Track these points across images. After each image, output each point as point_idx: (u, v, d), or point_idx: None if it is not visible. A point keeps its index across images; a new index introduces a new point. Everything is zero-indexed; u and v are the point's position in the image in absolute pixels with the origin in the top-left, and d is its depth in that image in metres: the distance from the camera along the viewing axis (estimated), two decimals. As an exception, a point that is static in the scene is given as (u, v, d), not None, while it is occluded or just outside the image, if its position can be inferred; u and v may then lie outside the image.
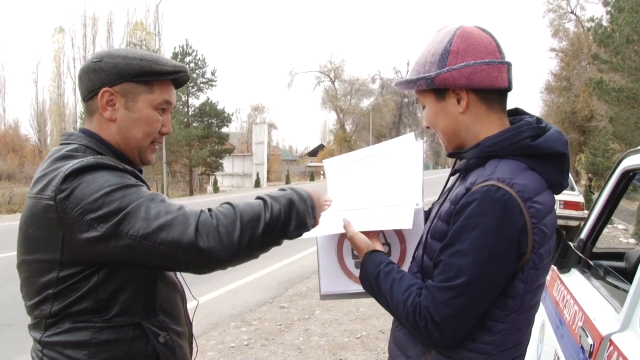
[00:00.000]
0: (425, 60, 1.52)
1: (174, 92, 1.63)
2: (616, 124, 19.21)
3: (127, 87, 1.51)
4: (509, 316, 1.42)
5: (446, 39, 1.48)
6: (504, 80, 1.48)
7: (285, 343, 5.53)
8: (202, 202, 25.05)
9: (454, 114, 1.51)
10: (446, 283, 1.37)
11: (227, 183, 44.00)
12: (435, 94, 1.52)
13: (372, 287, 1.57)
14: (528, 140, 1.44)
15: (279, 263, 9.63)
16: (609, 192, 2.86)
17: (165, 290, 1.56)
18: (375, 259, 1.58)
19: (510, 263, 1.36)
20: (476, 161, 1.48)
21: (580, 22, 37.60)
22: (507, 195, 1.33)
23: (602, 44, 17.86)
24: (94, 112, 1.54)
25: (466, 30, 1.49)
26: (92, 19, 53.11)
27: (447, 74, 1.45)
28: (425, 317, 1.39)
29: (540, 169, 1.44)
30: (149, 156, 1.61)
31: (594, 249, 3.08)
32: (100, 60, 1.50)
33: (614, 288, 2.43)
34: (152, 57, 1.54)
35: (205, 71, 40.46)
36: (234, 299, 7.29)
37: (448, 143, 1.58)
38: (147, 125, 1.55)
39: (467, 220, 1.35)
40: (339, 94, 71.91)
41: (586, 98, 31.74)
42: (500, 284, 1.37)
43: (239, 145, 54.07)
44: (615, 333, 1.87)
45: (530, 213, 1.35)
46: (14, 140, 49.80)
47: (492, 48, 1.48)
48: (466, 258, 1.34)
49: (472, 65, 1.44)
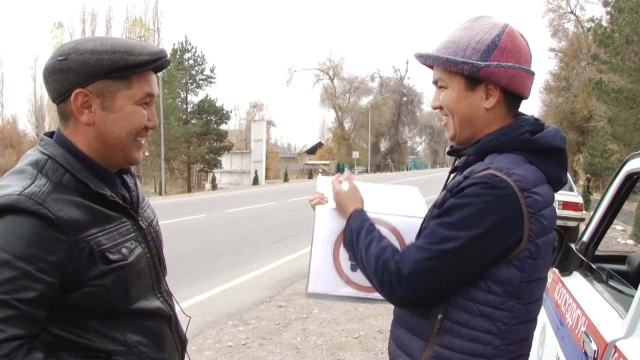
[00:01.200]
0: (467, 44, 1.47)
1: (155, 80, 1.47)
2: (615, 125, 19.21)
3: (102, 85, 1.35)
4: (507, 303, 1.41)
5: (494, 32, 1.47)
6: (530, 90, 1.52)
7: (283, 342, 5.51)
8: (200, 199, 25.06)
9: (479, 107, 1.50)
10: (426, 245, 1.41)
11: (225, 180, 44.01)
12: (468, 81, 1.49)
13: (352, 240, 1.60)
14: (527, 134, 1.46)
15: (276, 262, 9.60)
16: (612, 194, 2.83)
17: (140, 323, 1.45)
18: (363, 215, 1.64)
19: (493, 246, 1.37)
20: (475, 157, 1.50)
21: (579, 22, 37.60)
22: (504, 182, 1.36)
23: (602, 45, 17.86)
24: (68, 117, 1.39)
25: (513, 30, 1.50)
26: (91, 14, 53.02)
27: (494, 69, 1.44)
28: (392, 272, 1.43)
29: (540, 163, 1.45)
30: (135, 155, 1.47)
31: (596, 252, 3.06)
32: (66, 59, 1.33)
33: (617, 292, 2.41)
34: (125, 48, 1.36)
35: (204, 68, 40.53)
36: (232, 297, 7.26)
37: (460, 131, 1.55)
38: (130, 123, 1.40)
39: (461, 198, 1.39)
40: (337, 92, 72.01)
41: (585, 98, 31.75)
42: (476, 263, 1.39)
43: (237, 143, 54.08)
44: (620, 339, 1.84)
45: (527, 202, 1.36)
46: (12, 135, 49.75)
47: (529, 56, 1.51)
48: (451, 231, 1.38)
49: (517, 69, 1.45)
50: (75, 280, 1.28)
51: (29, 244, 1.20)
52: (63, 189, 1.31)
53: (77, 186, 1.34)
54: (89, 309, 1.33)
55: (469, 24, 1.52)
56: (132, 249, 1.43)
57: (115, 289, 1.36)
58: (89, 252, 1.30)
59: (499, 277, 1.40)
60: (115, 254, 1.36)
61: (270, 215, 16.94)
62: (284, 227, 13.88)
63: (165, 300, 1.57)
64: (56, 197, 1.28)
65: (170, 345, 1.55)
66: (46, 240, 1.22)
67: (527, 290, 1.43)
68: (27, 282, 1.18)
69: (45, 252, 1.21)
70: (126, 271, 1.39)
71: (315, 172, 52.07)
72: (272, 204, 20.80)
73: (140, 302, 1.45)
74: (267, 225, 14.47)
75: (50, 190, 1.28)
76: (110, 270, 1.34)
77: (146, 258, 1.49)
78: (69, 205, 1.29)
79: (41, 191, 1.26)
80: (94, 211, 1.35)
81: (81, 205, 1.32)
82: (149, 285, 1.51)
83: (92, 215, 1.34)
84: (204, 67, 40.32)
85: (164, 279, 1.62)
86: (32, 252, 1.19)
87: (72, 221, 1.27)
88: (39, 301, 1.20)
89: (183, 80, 39.33)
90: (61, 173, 1.33)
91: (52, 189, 1.29)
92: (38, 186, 1.27)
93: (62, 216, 1.25)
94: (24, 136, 52.19)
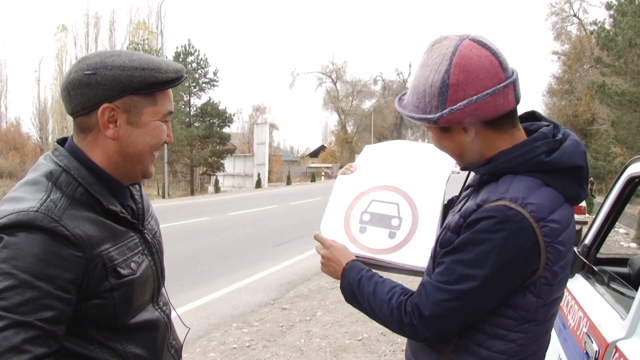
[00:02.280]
0: (424, 90, 1.41)
1: (172, 97, 1.51)
2: (618, 128, 19.20)
3: (129, 100, 1.37)
4: (522, 325, 1.41)
5: (442, 68, 1.36)
6: (510, 103, 1.39)
7: (286, 344, 5.53)
8: (203, 202, 25.08)
9: (461, 142, 1.45)
10: (444, 285, 1.38)
11: (228, 183, 44.01)
12: (439, 127, 1.45)
13: (354, 293, 1.58)
14: (543, 156, 1.39)
15: (280, 264, 9.63)
16: (614, 198, 2.86)
17: (139, 334, 1.47)
18: (356, 266, 1.62)
19: (512, 280, 1.36)
20: (489, 177, 1.45)
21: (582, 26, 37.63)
22: (519, 216, 1.31)
23: (605, 48, 17.87)
24: (88, 130, 1.39)
25: (463, 55, 1.35)
26: (94, 17, 53.21)
27: (450, 116, 1.37)
28: (411, 314, 1.42)
29: (557, 184, 1.40)
30: (150, 168, 1.51)
31: (598, 254, 3.09)
32: (94, 73, 1.33)
33: (618, 294, 2.44)
34: (154, 65, 1.39)
35: (207, 71, 40.50)
36: (236, 299, 7.29)
37: (461, 161, 1.54)
38: (153, 138, 1.43)
39: (476, 234, 1.35)
40: (340, 95, 71.97)
41: (588, 101, 31.76)
42: (496, 298, 1.37)
43: (240, 146, 54.08)
44: (621, 340, 1.88)
45: (543, 232, 1.33)
46: (16, 138, 49.89)
47: (494, 70, 1.36)
48: (469, 269, 1.35)
49: (475, 102, 1.34)
50: (87, 293, 1.31)
51: (47, 263, 1.21)
52: (77, 205, 1.32)
53: (89, 201, 1.36)
54: (93, 320, 1.35)
55: (424, 58, 1.44)
56: (140, 262, 1.46)
57: (122, 302, 1.38)
58: (102, 266, 1.33)
59: (515, 303, 1.39)
60: (125, 268, 1.39)
61: (274, 218, 16.96)
62: (287, 229, 13.91)
63: (163, 311, 1.59)
64: (71, 213, 1.29)
65: (167, 355, 1.59)
66: (64, 259, 1.24)
67: (542, 313, 1.43)
68: (47, 301, 1.20)
69: (63, 271, 1.23)
70: (134, 285, 1.41)
71: (318, 175, 52.08)
72: (275, 207, 20.81)
73: (140, 314, 1.48)
74: (270, 228, 14.50)
75: (66, 207, 1.29)
76: (121, 284, 1.37)
77: (152, 271, 1.52)
78: (84, 221, 1.31)
79: (57, 207, 1.28)
80: (106, 226, 1.37)
81: (94, 221, 1.34)
82: (150, 297, 1.53)
83: (105, 230, 1.36)
84: (207, 70, 40.33)
85: (163, 288, 1.65)
86: (51, 272, 1.21)
87: (88, 237, 1.29)
88: (59, 318, 1.23)
89: (186, 83, 39.39)
90: (74, 187, 1.35)
91: (67, 205, 1.30)
92: (54, 201, 1.28)
93: (78, 233, 1.27)
94: (28, 139, 52.34)
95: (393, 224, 1.75)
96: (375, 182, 1.85)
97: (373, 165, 1.93)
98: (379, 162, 1.94)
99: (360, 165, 1.94)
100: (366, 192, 1.83)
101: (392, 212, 1.77)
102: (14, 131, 52.07)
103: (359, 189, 1.84)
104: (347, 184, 1.87)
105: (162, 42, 36.07)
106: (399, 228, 1.74)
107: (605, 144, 25.71)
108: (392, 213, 1.77)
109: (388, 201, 1.80)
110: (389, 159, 1.94)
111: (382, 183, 1.84)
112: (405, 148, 1.99)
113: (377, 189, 1.83)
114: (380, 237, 1.74)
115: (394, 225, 1.75)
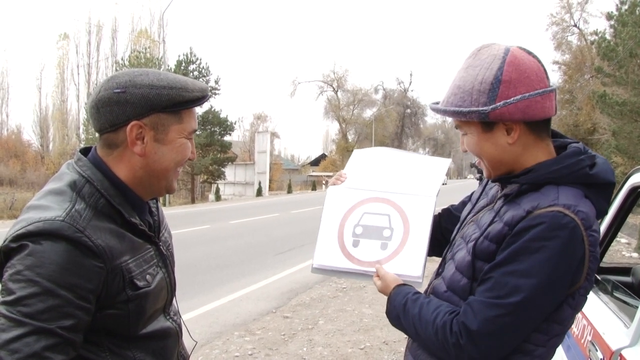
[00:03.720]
0: (471, 87, 1.42)
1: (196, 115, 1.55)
2: (619, 138, 19.20)
3: (157, 118, 1.41)
4: (550, 340, 1.40)
5: (495, 66, 1.40)
6: (553, 109, 1.44)
7: (289, 353, 5.53)
8: (204, 210, 25.08)
9: (502, 144, 1.44)
10: (495, 300, 1.33)
11: (229, 191, 43.98)
12: (483, 125, 1.44)
13: (399, 317, 1.54)
14: (587, 169, 1.41)
15: (281, 273, 9.63)
16: (616, 208, 2.88)
17: (150, 342, 1.49)
18: (402, 291, 1.57)
19: (563, 291, 1.34)
20: (530, 187, 1.43)
21: (583, 36, 37.70)
22: (573, 223, 1.31)
23: (606, 58, 17.90)
24: (115, 146, 1.43)
25: (516, 56, 1.41)
26: (96, 26, 53.48)
27: (503, 109, 1.37)
28: (457, 333, 1.35)
29: (594, 197, 1.41)
30: (174, 184, 1.54)
31: (601, 263, 3.10)
32: (124, 91, 1.37)
33: (622, 303, 2.45)
34: (181, 84, 1.43)
35: (209, 79, 40.50)
36: (238, 308, 7.29)
37: (493, 170, 1.52)
38: (178, 155, 1.47)
39: (529, 242, 1.31)
40: (341, 104, 72.05)
41: (589, 111, 31.77)
42: (548, 311, 1.35)
43: (241, 154, 54.07)
44: (626, 348, 1.89)
45: (589, 242, 1.33)
46: (17, 145, 49.93)
47: (541, 75, 1.42)
48: (523, 279, 1.30)
49: (528, 98, 1.37)
50: (104, 303, 1.33)
51: (70, 272, 1.24)
52: (99, 216, 1.36)
53: (111, 213, 1.39)
54: (106, 329, 1.38)
55: (470, 61, 1.47)
56: (155, 275, 1.49)
57: (135, 313, 1.41)
58: (121, 278, 1.36)
59: (552, 317, 1.37)
60: (141, 280, 1.42)
61: (275, 227, 16.95)
62: (288, 238, 13.90)
63: (175, 320, 1.61)
64: (95, 224, 1.32)
65: None
66: (86, 268, 1.27)
67: (571, 322, 1.43)
68: (69, 309, 1.23)
69: (85, 280, 1.26)
70: (148, 297, 1.44)
71: (319, 183, 52.01)
72: (276, 215, 20.81)
73: (152, 324, 1.50)
74: (271, 237, 14.49)
75: (90, 217, 1.33)
76: (136, 296, 1.39)
77: (166, 282, 1.55)
78: (106, 232, 1.34)
79: (82, 217, 1.31)
80: (126, 238, 1.41)
81: (115, 232, 1.37)
82: (161, 308, 1.56)
83: (125, 242, 1.39)
84: (208, 78, 40.34)
85: (174, 298, 1.67)
86: (73, 281, 1.24)
87: (109, 249, 1.33)
88: (79, 326, 1.26)
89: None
90: (97, 197, 1.38)
91: (91, 216, 1.33)
92: (78, 212, 1.31)
93: (100, 244, 1.30)
94: (29, 146, 52.41)
95: (385, 235, 1.77)
96: (367, 194, 1.86)
97: (363, 175, 1.94)
98: (369, 172, 1.95)
99: (350, 174, 1.95)
100: (358, 204, 1.85)
101: (384, 224, 1.79)
102: (15, 139, 52.15)
103: (350, 202, 1.85)
104: (339, 197, 1.88)
105: (164, 51, 36.17)
106: (390, 238, 1.76)
107: (607, 153, 25.65)
108: (384, 224, 1.79)
109: (379, 213, 1.81)
110: (379, 169, 1.95)
111: (373, 195, 1.85)
112: (394, 156, 2.01)
113: (368, 201, 1.84)
114: (373, 249, 1.76)
115: (386, 236, 1.76)
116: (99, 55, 53.25)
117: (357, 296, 7.85)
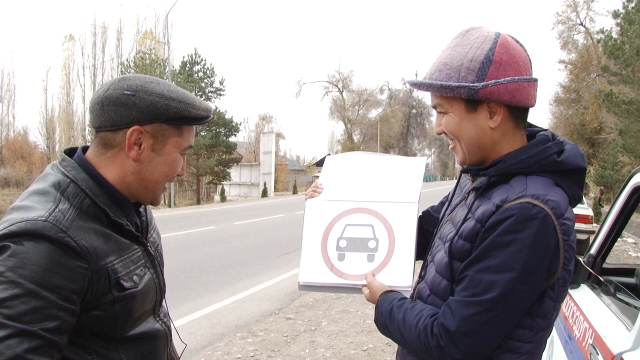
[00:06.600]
0: (460, 64, 1.40)
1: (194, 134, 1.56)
2: (626, 137, 19.14)
3: (159, 128, 1.41)
4: (536, 336, 1.39)
5: (487, 46, 1.39)
6: (535, 99, 1.44)
7: (291, 354, 5.51)
8: (209, 211, 25.13)
9: (484, 127, 1.43)
10: (472, 298, 1.31)
11: (234, 192, 44.07)
12: (468, 103, 1.42)
13: (386, 324, 1.52)
14: (555, 156, 1.40)
15: (285, 274, 9.61)
16: (619, 207, 2.84)
17: (138, 344, 1.47)
18: (388, 297, 1.55)
19: (540, 282, 1.32)
20: (499, 178, 1.43)
21: (589, 34, 37.63)
22: (543, 212, 1.29)
23: (612, 56, 17.85)
24: (111, 146, 1.42)
25: (507, 39, 1.42)
26: (102, 27, 53.60)
27: (493, 88, 1.37)
28: (437, 335, 1.34)
29: (564, 184, 1.39)
30: (159, 197, 1.54)
31: (604, 264, 3.06)
32: (134, 95, 1.37)
33: (624, 305, 2.41)
34: (189, 100, 1.44)
35: (213, 80, 40.70)
36: (240, 309, 7.27)
37: (469, 155, 1.48)
38: (170, 169, 1.48)
39: (500, 236, 1.30)
40: (347, 105, 72.20)
41: (595, 110, 31.70)
42: (527, 304, 1.33)
43: (246, 155, 54.20)
44: (627, 352, 1.85)
45: (562, 230, 1.31)
46: (23, 147, 50.27)
47: (528, 63, 1.43)
48: (498, 274, 1.29)
49: (517, 82, 1.38)
50: (90, 304, 1.31)
51: (53, 273, 1.21)
52: (84, 216, 1.33)
53: (96, 213, 1.37)
54: (93, 331, 1.35)
55: (458, 40, 1.46)
56: (142, 275, 1.47)
57: (122, 314, 1.38)
58: (106, 279, 1.33)
59: (533, 311, 1.36)
60: (128, 281, 1.40)
61: (279, 228, 16.95)
62: (292, 239, 13.88)
63: (164, 322, 1.59)
64: (78, 224, 1.30)
65: None
66: (69, 269, 1.24)
67: (554, 318, 1.42)
68: (52, 311, 1.20)
69: (69, 281, 1.24)
70: (135, 298, 1.42)
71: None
72: (281, 216, 20.82)
73: (140, 325, 1.48)
74: (276, 238, 14.49)
75: (73, 218, 1.30)
76: (123, 297, 1.37)
77: (154, 283, 1.53)
78: (90, 233, 1.32)
79: (65, 218, 1.28)
80: (112, 239, 1.38)
81: (100, 233, 1.35)
82: (150, 309, 1.54)
83: (110, 243, 1.37)
84: (213, 79, 40.52)
85: (164, 300, 1.65)
86: (57, 282, 1.22)
87: (93, 249, 1.30)
88: (63, 328, 1.23)
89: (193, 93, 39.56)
90: (82, 198, 1.36)
91: (75, 216, 1.31)
92: (62, 212, 1.29)
93: (84, 245, 1.28)
94: (35, 148, 52.69)
95: (370, 247, 1.72)
96: (347, 205, 1.80)
97: (341, 184, 1.88)
98: (347, 181, 1.89)
99: (326, 184, 1.88)
100: (339, 216, 1.79)
101: (368, 234, 1.74)
102: (22, 140, 52.49)
103: (331, 215, 1.79)
104: (319, 210, 1.82)
105: (169, 52, 36.23)
106: (376, 250, 1.72)
107: (613, 152, 25.63)
108: (368, 235, 1.74)
109: (362, 224, 1.76)
110: (356, 177, 1.89)
111: (353, 205, 1.80)
112: (368, 161, 1.95)
113: (349, 212, 1.79)
114: (359, 261, 1.71)
115: (371, 247, 1.72)
116: (104, 57, 53.43)
117: (360, 298, 7.76)
